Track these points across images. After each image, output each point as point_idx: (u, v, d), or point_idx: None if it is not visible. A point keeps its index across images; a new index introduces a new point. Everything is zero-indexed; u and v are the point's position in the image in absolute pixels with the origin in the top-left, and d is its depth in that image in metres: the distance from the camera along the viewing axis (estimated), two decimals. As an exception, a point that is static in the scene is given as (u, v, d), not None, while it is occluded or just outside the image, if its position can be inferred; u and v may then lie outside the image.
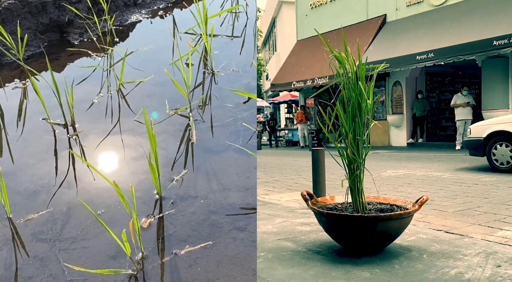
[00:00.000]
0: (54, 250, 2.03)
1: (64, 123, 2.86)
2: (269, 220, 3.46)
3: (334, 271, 2.18)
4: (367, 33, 14.12)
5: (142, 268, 1.94)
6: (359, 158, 2.49)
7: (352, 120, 2.48)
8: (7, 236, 2.14)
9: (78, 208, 2.26)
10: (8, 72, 3.44)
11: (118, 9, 4.25)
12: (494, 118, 7.36)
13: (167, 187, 2.37)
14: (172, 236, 2.10)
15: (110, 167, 2.57)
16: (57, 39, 3.93)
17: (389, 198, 2.79)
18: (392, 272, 2.15)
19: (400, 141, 14.13)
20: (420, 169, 7.39)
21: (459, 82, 15.61)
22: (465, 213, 3.80)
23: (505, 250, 2.47)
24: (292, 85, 16.25)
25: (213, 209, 2.24)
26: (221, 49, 3.52)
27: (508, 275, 2.06)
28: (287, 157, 12.27)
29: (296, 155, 12.97)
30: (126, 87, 3.20)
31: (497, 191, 4.84)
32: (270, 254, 2.51)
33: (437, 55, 11.17)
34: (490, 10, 10.87)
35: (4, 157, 2.63)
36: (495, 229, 3.21)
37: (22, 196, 2.35)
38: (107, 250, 2.03)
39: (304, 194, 2.73)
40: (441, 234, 2.94)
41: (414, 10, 13.26)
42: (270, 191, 5.55)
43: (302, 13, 17.96)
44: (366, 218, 2.36)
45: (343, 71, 2.50)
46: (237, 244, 2.06)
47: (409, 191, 5.11)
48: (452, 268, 2.18)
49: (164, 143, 2.67)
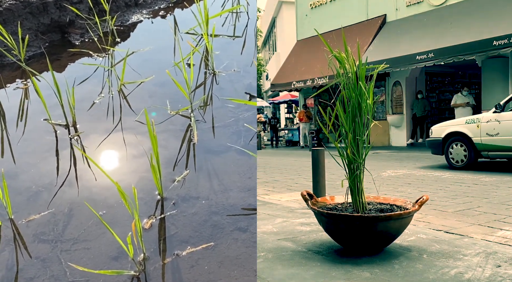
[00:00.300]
0: (56, 251, 2.03)
1: (66, 124, 2.87)
2: (269, 220, 3.47)
3: (334, 271, 2.18)
4: (367, 33, 14.12)
5: (144, 269, 1.94)
6: (359, 158, 2.49)
7: (352, 120, 2.49)
8: (9, 236, 2.14)
9: (79, 209, 2.26)
10: (9, 73, 3.45)
11: (119, 9, 4.25)
12: (451, 120, 8.07)
13: (168, 188, 2.38)
14: (173, 237, 2.11)
15: (111, 167, 2.58)
16: (58, 39, 3.94)
17: (389, 198, 2.79)
18: (392, 272, 2.15)
19: (400, 141, 14.14)
20: (420, 169, 7.39)
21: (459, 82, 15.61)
22: (465, 213, 3.80)
23: (505, 250, 2.47)
24: (292, 85, 16.24)
25: (215, 209, 2.25)
26: (222, 49, 3.53)
27: (508, 275, 2.06)
28: (287, 157, 12.27)
29: (296, 155, 12.98)
30: (128, 87, 3.21)
31: (497, 191, 4.85)
32: (270, 254, 2.51)
33: (437, 55, 11.17)
34: (490, 10, 10.87)
35: (6, 158, 2.63)
36: (495, 229, 3.21)
37: (23, 196, 2.35)
38: (109, 251, 2.03)
39: (304, 194, 2.74)
40: (441, 234, 2.95)
41: (414, 10, 13.26)
42: (270, 191, 5.55)
43: (302, 13, 17.95)
44: (366, 218, 2.36)
45: (343, 71, 2.51)
46: (239, 244, 2.06)
47: (409, 191, 5.11)
48: (452, 268, 2.18)
49: (165, 143, 2.67)
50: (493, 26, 10.31)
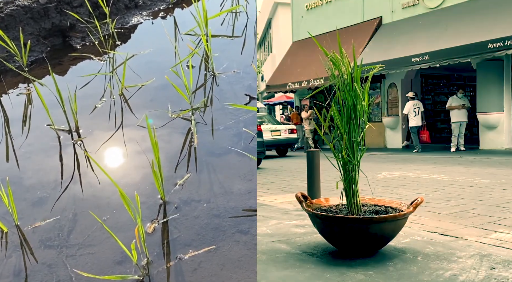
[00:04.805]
0: (62, 257, 2.06)
1: (69, 129, 2.89)
2: (263, 222, 3.45)
3: (328, 273, 2.17)
4: (363, 35, 14.15)
5: (147, 273, 1.97)
6: (354, 159, 2.48)
7: (347, 122, 2.48)
8: (16, 242, 2.16)
9: (83, 214, 2.29)
10: (12, 78, 3.48)
11: (119, 11, 4.25)
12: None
13: (170, 191, 2.40)
14: (176, 240, 2.13)
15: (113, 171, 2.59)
16: (59, 43, 3.97)
17: (384, 200, 2.78)
18: (386, 274, 2.14)
19: (396, 143, 14.17)
20: (415, 171, 7.40)
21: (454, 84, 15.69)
22: (459, 215, 3.81)
23: (499, 252, 2.48)
24: (288, 87, 16.25)
25: (216, 212, 2.27)
26: (222, 50, 3.53)
27: (502, 277, 2.06)
28: (281, 159, 12.27)
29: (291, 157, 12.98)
30: (129, 90, 3.21)
31: (491, 193, 4.86)
32: (264, 256, 2.50)
33: (433, 58, 11.21)
34: (485, 13, 10.92)
35: (10, 163, 2.65)
36: (490, 231, 3.21)
37: (28, 202, 2.38)
38: (113, 256, 2.06)
39: (299, 196, 2.72)
40: (436, 236, 2.94)
41: (410, 13, 13.30)
42: (265, 193, 5.54)
43: (297, 14, 17.98)
44: (361, 220, 2.35)
45: (338, 73, 2.50)
46: (240, 247, 2.08)
47: (404, 193, 5.12)
48: (446, 270, 2.18)
49: (166, 146, 2.69)
50: (488, 29, 10.36)
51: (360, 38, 13.99)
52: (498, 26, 10.20)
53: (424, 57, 11.39)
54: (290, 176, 7.58)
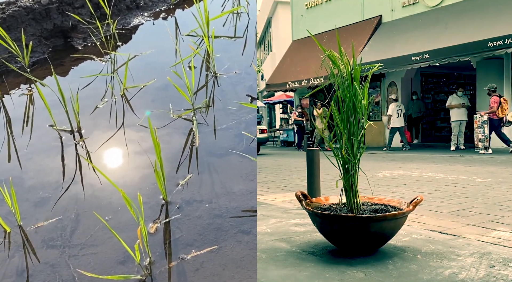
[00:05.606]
0: (64, 257, 2.07)
1: (71, 130, 2.90)
2: (263, 221, 3.46)
3: (328, 271, 2.18)
4: (363, 33, 14.15)
5: (150, 273, 1.98)
6: (353, 158, 2.49)
7: (347, 121, 2.48)
8: (19, 242, 2.17)
9: (86, 214, 2.30)
10: (14, 79, 3.49)
11: (121, 12, 4.26)
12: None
13: (172, 191, 2.41)
14: (178, 240, 2.14)
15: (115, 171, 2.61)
16: (61, 44, 3.98)
17: (384, 199, 2.78)
18: (386, 272, 2.15)
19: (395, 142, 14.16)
20: (415, 170, 7.41)
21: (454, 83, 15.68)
22: (459, 213, 3.81)
23: (499, 251, 2.48)
24: (287, 86, 16.25)
25: (218, 212, 2.28)
26: (223, 50, 3.54)
27: (502, 275, 2.07)
28: (282, 157, 12.27)
29: (291, 155, 12.98)
30: (130, 91, 3.22)
31: (491, 192, 4.87)
32: (264, 254, 2.50)
33: (432, 56, 11.21)
34: (485, 11, 10.92)
35: (12, 164, 2.66)
36: (489, 229, 3.22)
37: (30, 202, 2.39)
38: (116, 256, 2.07)
39: (299, 195, 2.72)
40: (436, 234, 2.95)
41: (410, 11, 13.31)
42: (265, 192, 5.55)
43: (297, 13, 17.98)
44: (361, 219, 2.36)
45: (338, 71, 2.50)
46: (242, 247, 2.09)
47: (404, 192, 5.12)
48: (446, 268, 2.18)
49: (168, 146, 2.70)
50: (488, 27, 10.36)
51: (360, 37, 13.99)
52: (498, 25, 10.20)
53: (424, 56, 11.39)
54: (290, 174, 7.59)
